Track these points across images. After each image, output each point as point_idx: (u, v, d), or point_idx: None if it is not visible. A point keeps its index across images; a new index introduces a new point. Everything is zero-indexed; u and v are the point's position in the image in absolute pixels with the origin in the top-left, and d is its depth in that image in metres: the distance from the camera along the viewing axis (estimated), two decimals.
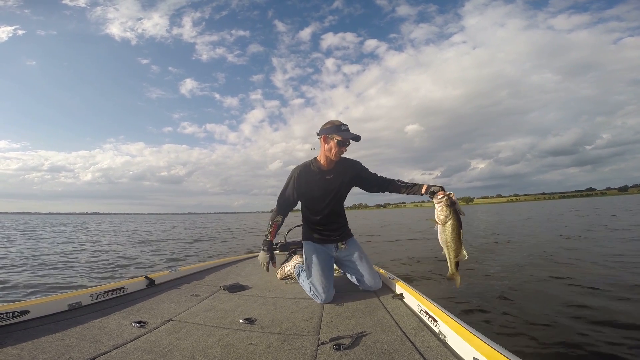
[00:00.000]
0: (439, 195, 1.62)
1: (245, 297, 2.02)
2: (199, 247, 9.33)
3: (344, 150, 1.98)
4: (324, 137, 1.97)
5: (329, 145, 1.96)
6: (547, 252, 5.82)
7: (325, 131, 1.95)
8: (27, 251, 7.88)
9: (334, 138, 1.92)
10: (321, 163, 2.06)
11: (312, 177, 2.06)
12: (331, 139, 1.94)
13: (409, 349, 1.23)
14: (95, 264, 6.00)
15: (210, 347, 1.26)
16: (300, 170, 2.07)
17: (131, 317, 1.60)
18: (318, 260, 2.03)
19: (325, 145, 1.98)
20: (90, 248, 8.86)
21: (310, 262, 2.06)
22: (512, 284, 3.72)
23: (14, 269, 5.35)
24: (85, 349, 1.22)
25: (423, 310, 1.54)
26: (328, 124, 1.97)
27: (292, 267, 2.46)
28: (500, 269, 4.61)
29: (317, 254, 2.07)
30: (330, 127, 1.94)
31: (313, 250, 2.10)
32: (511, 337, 2.28)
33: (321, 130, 1.99)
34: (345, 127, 1.93)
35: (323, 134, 1.97)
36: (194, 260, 6.75)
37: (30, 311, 1.50)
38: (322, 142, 2.00)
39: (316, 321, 1.58)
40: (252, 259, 3.56)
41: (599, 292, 3.21)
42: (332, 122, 1.96)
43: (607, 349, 2.05)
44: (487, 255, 5.79)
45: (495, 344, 1.04)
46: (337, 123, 1.95)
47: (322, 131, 1.97)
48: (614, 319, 2.49)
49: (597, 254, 5.37)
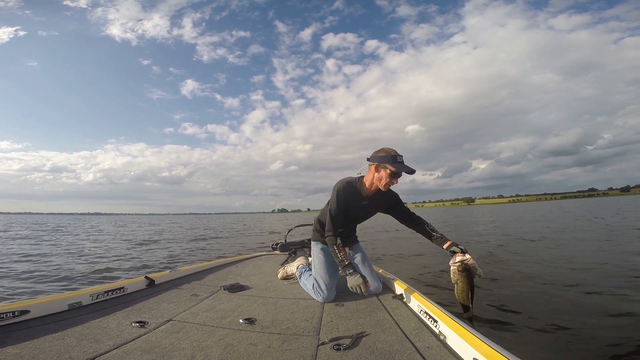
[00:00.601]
0: (456, 257, 1.70)
1: (245, 297, 2.02)
2: (199, 247, 9.33)
3: (395, 182, 1.85)
4: (377, 166, 1.83)
5: (379, 174, 1.83)
6: (547, 252, 5.82)
7: (379, 159, 1.82)
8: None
9: (387, 168, 1.79)
10: (365, 187, 1.93)
11: (351, 199, 1.95)
12: (384, 169, 1.80)
13: (409, 349, 1.23)
14: (95, 264, 6.00)
15: (210, 347, 1.26)
16: (344, 189, 1.93)
17: (131, 317, 1.60)
18: (325, 260, 2.09)
19: (376, 173, 1.84)
20: (90, 249, 8.87)
21: (318, 260, 2.11)
22: (512, 284, 3.72)
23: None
24: (85, 348, 1.22)
25: (423, 310, 1.54)
26: (382, 152, 1.83)
27: (295, 267, 2.49)
28: (501, 268, 4.60)
29: (324, 254, 2.12)
30: (384, 156, 1.80)
31: (321, 250, 2.15)
32: (511, 337, 2.28)
33: (374, 157, 1.86)
34: (401, 159, 1.80)
35: (376, 162, 1.83)
36: (194, 260, 6.76)
37: (31, 311, 1.50)
38: (373, 169, 1.85)
39: (316, 321, 1.58)
40: (252, 259, 3.56)
41: (599, 291, 3.21)
42: (386, 151, 1.82)
43: (608, 348, 2.05)
44: (488, 255, 5.79)
45: (495, 344, 1.04)
46: (393, 153, 1.81)
47: (375, 159, 1.84)
48: (615, 319, 2.49)
49: (599, 254, 5.37)
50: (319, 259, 2.11)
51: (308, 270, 2.31)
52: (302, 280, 2.23)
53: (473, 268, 1.63)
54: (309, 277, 2.18)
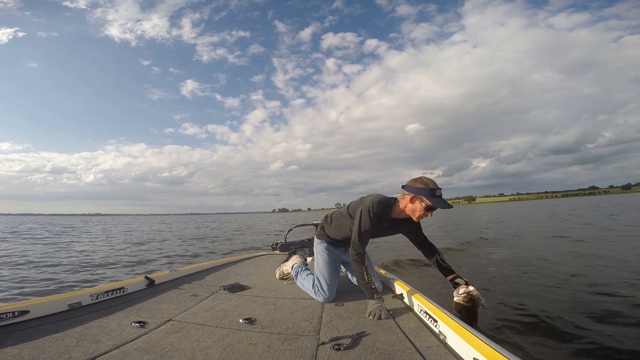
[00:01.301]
0: (460, 289, 1.67)
1: (245, 297, 2.02)
2: (199, 247, 9.33)
3: (429, 215, 1.75)
4: (412, 197, 1.72)
5: (414, 205, 1.72)
6: (547, 252, 5.81)
7: (416, 191, 1.71)
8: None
9: (423, 202, 1.69)
10: (395, 211, 1.83)
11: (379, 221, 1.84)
12: (419, 201, 1.70)
13: (409, 349, 1.23)
14: (95, 264, 6.01)
15: (210, 347, 1.26)
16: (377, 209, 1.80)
17: (131, 317, 1.60)
18: (330, 259, 2.06)
19: (410, 204, 1.74)
20: (92, 248, 8.88)
21: (322, 259, 2.08)
22: (512, 284, 3.72)
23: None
24: (85, 349, 1.22)
25: (423, 310, 1.54)
26: (420, 183, 1.71)
27: (290, 267, 2.47)
28: (500, 269, 4.60)
29: (329, 253, 2.09)
30: (422, 188, 1.69)
31: (326, 249, 2.11)
32: (511, 337, 2.27)
33: (411, 186, 1.74)
34: (439, 192, 1.69)
35: (412, 193, 1.72)
36: (195, 260, 6.76)
37: (30, 311, 1.50)
38: (408, 198, 1.74)
39: (316, 321, 1.58)
40: (252, 259, 3.56)
41: (599, 292, 3.20)
42: (425, 182, 1.71)
43: (608, 348, 2.04)
44: (488, 255, 5.78)
45: (495, 344, 1.04)
46: (432, 185, 1.69)
47: (412, 189, 1.73)
48: (615, 319, 2.48)
49: (599, 254, 5.36)
50: (323, 257, 2.08)
51: (305, 269, 2.29)
52: (300, 280, 2.21)
53: (477, 299, 1.62)
54: (307, 276, 2.16)
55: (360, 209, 1.83)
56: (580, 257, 5.09)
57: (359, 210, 1.83)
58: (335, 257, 2.10)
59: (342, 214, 2.06)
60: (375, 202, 1.80)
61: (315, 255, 2.18)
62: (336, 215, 2.12)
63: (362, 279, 1.75)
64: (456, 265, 3.48)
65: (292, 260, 2.53)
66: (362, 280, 1.75)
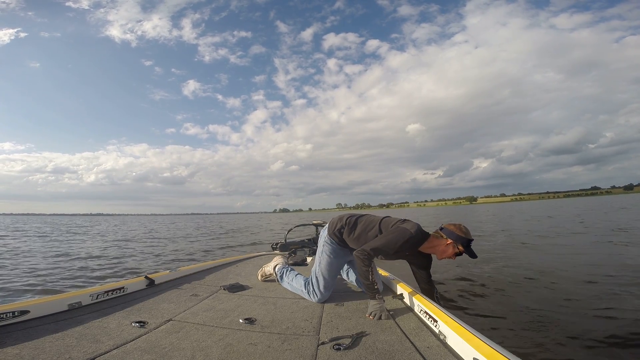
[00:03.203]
0: None
1: (245, 297, 2.02)
2: (200, 247, 9.34)
3: (454, 259, 1.85)
4: (451, 242, 1.80)
5: (447, 249, 1.81)
6: (548, 252, 5.80)
7: (456, 238, 1.79)
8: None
9: (457, 248, 1.79)
10: (424, 246, 1.88)
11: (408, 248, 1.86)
12: (454, 247, 1.79)
13: (409, 349, 1.23)
14: (94, 264, 6.02)
15: (210, 347, 1.25)
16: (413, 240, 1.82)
17: (131, 317, 1.60)
18: (334, 262, 2.00)
19: (444, 247, 1.82)
20: (92, 248, 8.89)
21: (325, 260, 2.00)
22: (512, 284, 3.71)
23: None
24: (85, 348, 1.22)
25: (423, 310, 1.54)
26: (459, 231, 1.81)
27: (272, 267, 2.38)
28: (500, 269, 4.59)
29: (335, 256, 2.02)
30: (462, 237, 1.79)
31: (333, 251, 2.03)
32: (511, 337, 2.27)
33: (451, 232, 1.81)
34: (472, 242, 1.82)
35: (452, 239, 1.79)
36: (195, 260, 6.76)
37: (30, 311, 1.50)
38: (445, 241, 1.81)
39: (316, 321, 1.58)
40: (252, 259, 3.55)
41: (599, 292, 3.20)
42: (464, 232, 1.80)
43: (608, 348, 2.04)
44: (490, 255, 5.77)
45: (495, 344, 1.04)
46: (470, 237, 1.80)
47: (452, 235, 1.80)
48: (616, 318, 2.48)
49: (600, 254, 5.34)
50: (328, 259, 2.00)
51: (291, 270, 2.24)
52: (286, 281, 2.17)
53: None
54: (296, 276, 2.12)
55: (398, 227, 1.84)
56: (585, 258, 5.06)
57: (395, 227, 1.85)
58: (340, 262, 2.05)
59: (371, 226, 1.94)
60: (417, 232, 1.83)
61: (319, 253, 2.07)
62: (364, 224, 1.97)
63: (367, 279, 1.74)
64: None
65: (275, 261, 2.43)
66: (366, 281, 1.74)
